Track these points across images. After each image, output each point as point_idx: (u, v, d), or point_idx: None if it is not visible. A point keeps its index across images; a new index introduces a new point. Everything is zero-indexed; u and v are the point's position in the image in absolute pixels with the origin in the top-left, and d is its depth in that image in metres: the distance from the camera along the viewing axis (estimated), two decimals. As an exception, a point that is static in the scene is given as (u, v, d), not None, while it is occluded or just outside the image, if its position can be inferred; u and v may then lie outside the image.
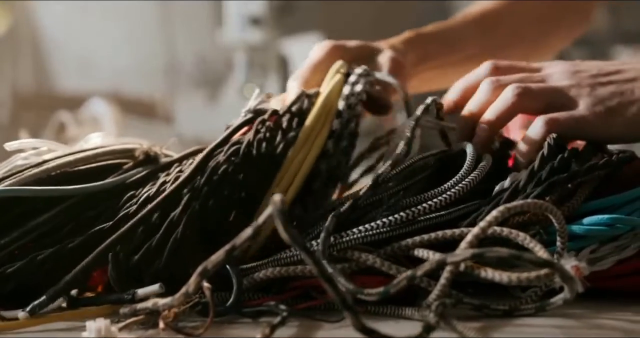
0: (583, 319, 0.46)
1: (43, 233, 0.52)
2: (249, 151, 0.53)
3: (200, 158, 0.54)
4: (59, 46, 2.95)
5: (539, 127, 0.56)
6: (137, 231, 0.50)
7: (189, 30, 2.90)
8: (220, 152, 0.54)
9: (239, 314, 0.48)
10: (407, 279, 0.43)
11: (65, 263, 0.50)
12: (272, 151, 0.54)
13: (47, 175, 0.55)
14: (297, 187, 0.54)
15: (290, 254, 0.49)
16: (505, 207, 0.46)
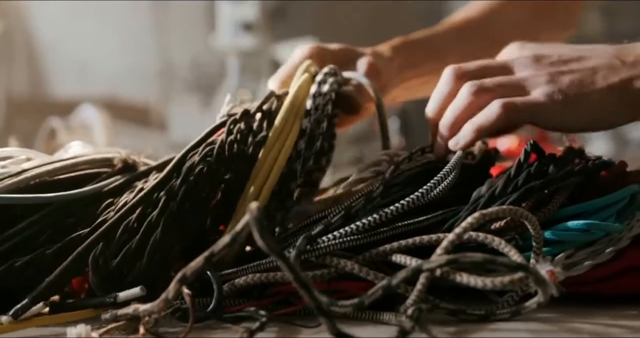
0: (557, 323, 0.47)
1: (21, 240, 0.52)
2: (222, 151, 0.54)
3: (175, 160, 0.55)
4: (54, 51, 2.96)
5: (495, 109, 0.55)
6: (116, 233, 0.51)
7: (183, 35, 2.90)
8: (196, 153, 0.54)
9: (219, 319, 0.48)
10: (383, 288, 0.43)
11: (44, 269, 0.50)
12: (244, 151, 0.55)
13: (26, 184, 0.56)
14: (270, 185, 0.55)
15: (269, 260, 0.50)
16: (480, 213, 0.46)
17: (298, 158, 0.58)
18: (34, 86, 2.93)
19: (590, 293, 0.52)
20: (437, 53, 0.83)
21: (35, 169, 0.57)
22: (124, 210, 0.52)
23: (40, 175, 0.57)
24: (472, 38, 0.88)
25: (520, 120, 0.56)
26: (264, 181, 0.55)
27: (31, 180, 0.56)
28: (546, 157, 0.54)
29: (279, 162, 0.55)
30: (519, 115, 0.55)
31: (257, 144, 0.56)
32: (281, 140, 0.56)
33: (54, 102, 2.69)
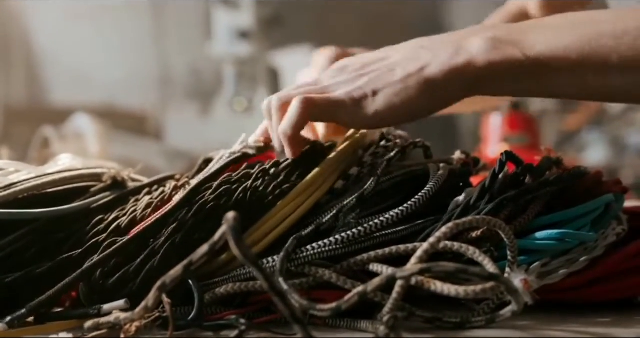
0: (532, 330, 0.48)
1: (9, 253, 0.53)
2: (244, 196, 0.54)
3: (188, 191, 0.55)
4: (52, 59, 2.97)
5: (295, 107, 0.56)
6: (115, 258, 0.52)
7: (180, 43, 2.92)
8: (209, 186, 0.55)
9: (200, 328, 0.49)
10: (359, 295, 0.44)
11: (33, 286, 0.52)
12: (264, 198, 0.55)
13: (15, 198, 0.57)
14: (275, 236, 0.53)
15: (249, 270, 0.51)
16: (454, 223, 0.47)
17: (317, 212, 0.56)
18: (31, 94, 2.95)
19: (565, 301, 0.53)
20: None
21: (25, 183, 0.58)
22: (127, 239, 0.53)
23: (29, 189, 0.58)
24: None
25: (321, 115, 0.57)
26: (271, 230, 0.54)
27: (20, 194, 0.57)
28: (522, 167, 0.54)
29: (291, 218, 0.54)
30: (318, 110, 0.56)
31: (280, 194, 0.55)
32: (304, 196, 0.55)
33: (52, 110, 2.70)
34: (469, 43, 0.55)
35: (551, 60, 0.53)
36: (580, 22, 0.55)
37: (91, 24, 2.92)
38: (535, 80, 0.55)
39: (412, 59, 0.56)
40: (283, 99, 0.59)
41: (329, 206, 0.55)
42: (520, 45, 0.54)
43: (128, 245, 0.53)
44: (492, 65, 0.54)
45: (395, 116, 0.56)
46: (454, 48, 0.55)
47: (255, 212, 0.54)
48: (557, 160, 0.57)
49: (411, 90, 0.55)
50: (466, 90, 0.56)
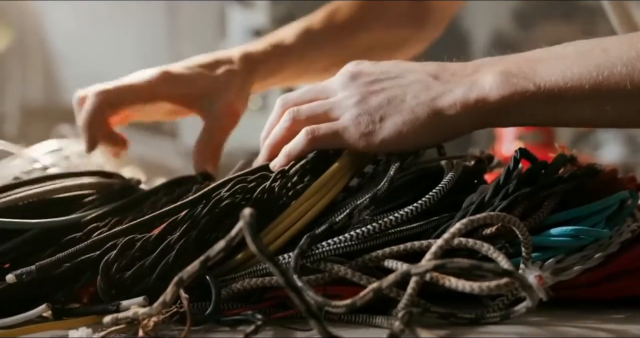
0: (546, 327, 0.48)
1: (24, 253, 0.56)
2: (261, 197, 0.55)
3: (206, 189, 0.56)
4: (68, 59, 2.99)
5: (302, 137, 0.58)
6: (132, 247, 0.53)
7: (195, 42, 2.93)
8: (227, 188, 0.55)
9: (217, 323, 0.50)
10: (374, 291, 0.45)
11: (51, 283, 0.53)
12: (279, 198, 0.55)
13: (15, 204, 0.59)
14: (289, 236, 0.54)
15: (266, 266, 0.51)
16: (468, 220, 0.48)
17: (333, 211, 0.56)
18: (48, 93, 2.97)
19: (579, 297, 0.53)
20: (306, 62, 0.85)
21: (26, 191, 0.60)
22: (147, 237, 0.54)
23: (30, 196, 0.60)
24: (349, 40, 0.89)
25: (326, 144, 0.58)
26: (286, 229, 0.54)
27: (20, 201, 0.59)
28: (537, 164, 0.55)
29: (306, 217, 0.54)
30: (324, 140, 0.57)
31: (294, 194, 0.55)
32: (319, 195, 0.55)
33: (68, 109, 2.72)
34: (481, 78, 0.55)
35: (564, 91, 0.53)
36: (588, 50, 0.54)
37: (106, 25, 2.93)
38: (548, 111, 0.55)
39: (424, 89, 0.56)
40: (293, 116, 0.60)
41: (344, 204, 0.56)
42: (532, 78, 0.54)
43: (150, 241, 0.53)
44: (504, 99, 0.54)
45: (401, 144, 0.57)
46: (466, 84, 0.55)
47: (271, 211, 0.55)
48: (572, 157, 0.57)
49: (421, 121, 0.55)
50: (476, 124, 0.56)
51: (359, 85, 0.58)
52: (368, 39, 0.91)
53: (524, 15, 4.57)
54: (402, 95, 0.56)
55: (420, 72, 0.58)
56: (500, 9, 4.07)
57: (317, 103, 0.60)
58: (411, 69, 0.58)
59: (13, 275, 0.51)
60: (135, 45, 2.96)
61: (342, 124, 0.57)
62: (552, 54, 0.56)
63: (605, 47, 0.54)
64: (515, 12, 4.73)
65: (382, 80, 0.58)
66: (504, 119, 0.56)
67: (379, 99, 0.57)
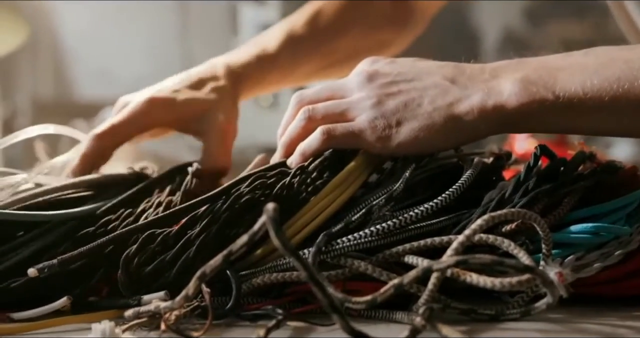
0: (566, 323, 0.48)
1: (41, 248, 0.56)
2: (281, 192, 0.55)
3: (226, 184, 0.56)
4: (79, 55, 3.00)
5: (317, 136, 0.58)
6: (153, 242, 0.53)
7: (206, 39, 2.93)
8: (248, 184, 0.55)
9: (237, 317, 0.50)
10: (395, 287, 0.45)
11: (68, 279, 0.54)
12: (298, 194, 0.55)
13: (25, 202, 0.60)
14: (309, 231, 0.54)
15: (287, 261, 0.51)
16: (490, 216, 0.48)
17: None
18: (59, 90, 2.98)
19: (599, 294, 0.53)
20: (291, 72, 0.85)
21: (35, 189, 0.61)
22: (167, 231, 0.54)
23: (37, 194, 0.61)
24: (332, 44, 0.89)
25: (341, 145, 0.58)
26: (305, 224, 0.54)
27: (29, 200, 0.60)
28: (556, 160, 0.55)
29: (325, 213, 0.55)
30: (340, 141, 0.57)
31: (314, 190, 0.55)
32: (339, 191, 0.55)
33: (79, 106, 2.73)
34: (500, 84, 0.55)
35: (583, 102, 0.53)
36: (610, 61, 0.54)
37: (117, 22, 2.94)
38: (566, 121, 0.55)
39: (441, 93, 0.56)
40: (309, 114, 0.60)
41: (362, 200, 0.56)
42: (551, 88, 0.53)
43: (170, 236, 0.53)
44: (523, 107, 0.54)
45: (418, 148, 0.56)
46: (484, 90, 0.55)
47: (290, 207, 0.55)
48: (591, 154, 0.57)
49: (437, 126, 0.55)
50: (493, 130, 0.56)
51: (376, 87, 0.58)
52: (352, 41, 0.91)
53: (535, 13, 4.56)
54: (419, 99, 0.56)
55: (437, 74, 0.57)
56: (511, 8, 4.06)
57: (333, 102, 0.60)
58: (428, 71, 0.58)
59: (35, 269, 0.52)
60: (145, 42, 2.96)
61: (358, 126, 0.57)
62: (572, 61, 0.55)
63: (627, 59, 0.53)
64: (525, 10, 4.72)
65: (398, 82, 0.58)
66: (520, 126, 0.56)
67: (395, 102, 0.56)
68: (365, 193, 0.56)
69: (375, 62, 0.61)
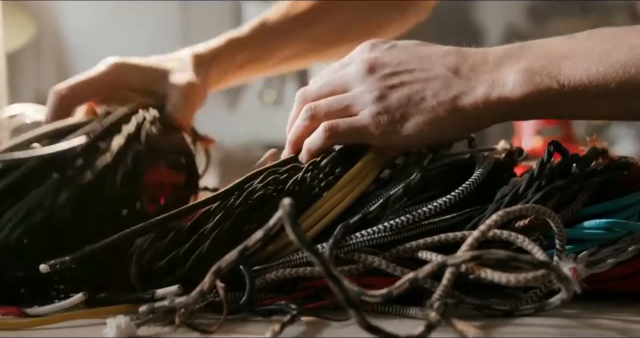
0: (581, 319, 0.48)
1: None
2: (294, 188, 0.55)
3: (240, 180, 0.56)
4: (82, 54, 3.00)
5: (320, 133, 0.58)
6: (166, 235, 0.53)
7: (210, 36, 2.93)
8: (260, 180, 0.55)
9: (251, 312, 0.50)
10: (410, 281, 0.45)
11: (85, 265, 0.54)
12: (311, 189, 0.55)
13: None
14: (321, 227, 0.54)
15: (300, 256, 0.51)
16: (504, 211, 0.48)
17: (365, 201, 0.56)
18: (62, 87, 2.97)
19: (612, 290, 0.53)
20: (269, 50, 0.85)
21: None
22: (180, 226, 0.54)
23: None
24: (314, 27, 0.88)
25: (345, 140, 0.58)
26: (318, 220, 0.54)
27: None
28: (569, 156, 0.55)
29: (338, 208, 0.55)
30: (343, 137, 0.57)
31: (326, 186, 0.55)
32: (351, 186, 0.56)
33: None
34: (503, 76, 0.54)
35: (588, 89, 0.52)
36: (615, 46, 0.53)
37: (120, 19, 2.94)
38: (572, 108, 0.55)
39: (444, 86, 0.55)
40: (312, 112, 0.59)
41: (375, 195, 0.56)
42: (556, 76, 0.53)
43: (183, 231, 0.53)
44: (527, 97, 0.53)
45: (422, 142, 0.57)
46: (487, 81, 0.54)
47: (303, 202, 0.55)
48: (603, 150, 0.57)
49: (442, 120, 0.55)
50: (497, 119, 0.56)
51: (377, 80, 0.57)
52: (336, 26, 0.90)
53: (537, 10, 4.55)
54: (422, 92, 0.55)
55: (439, 64, 0.57)
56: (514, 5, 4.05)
57: (335, 98, 0.59)
58: (430, 60, 0.57)
59: (47, 265, 0.52)
60: (148, 40, 2.96)
61: (362, 122, 0.57)
62: (576, 47, 0.55)
63: (633, 44, 0.53)
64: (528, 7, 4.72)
65: (400, 73, 0.57)
66: (525, 114, 0.56)
67: (398, 95, 0.56)
68: (378, 188, 0.56)
69: (374, 47, 0.60)
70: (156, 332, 0.47)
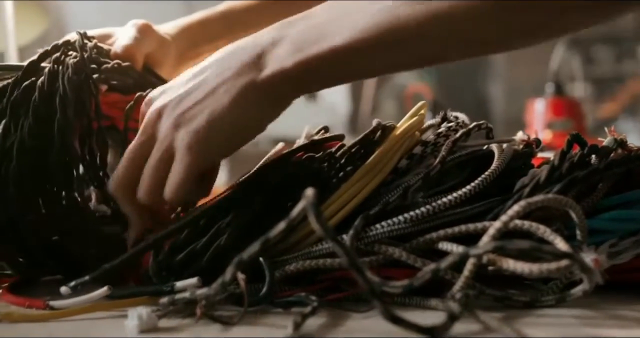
0: (602, 310, 0.48)
1: None
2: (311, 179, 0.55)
3: (254, 171, 0.56)
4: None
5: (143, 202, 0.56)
6: (184, 230, 0.53)
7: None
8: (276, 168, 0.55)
9: (271, 304, 0.50)
10: (432, 272, 0.45)
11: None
12: (328, 180, 0.55)
13: None
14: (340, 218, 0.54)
15: (320, 248, 0.51)
16: (526, 202, 0.47)
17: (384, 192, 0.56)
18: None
19: (633, 281, 0.53)
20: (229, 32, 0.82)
21: None
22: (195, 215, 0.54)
23: None
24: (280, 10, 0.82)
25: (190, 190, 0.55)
26: (337, 210, 0.54)
27: None
28: (589, 147, 0.54)
29: (357, 198, 0.54)
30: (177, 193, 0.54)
31: (344, 177, 0.55)
32: (369, 177, 0.55)
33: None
34: (273, 51, 0.54)
35: (359, 44, 0.52)
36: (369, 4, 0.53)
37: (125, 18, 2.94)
38: (354, 66, 0.54)
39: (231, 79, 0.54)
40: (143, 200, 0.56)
41: (393, 185, 0.56)
42: (323, 42, 0.53)
43: (197, 220, 0.53)
44: (301, 66, 0.53)
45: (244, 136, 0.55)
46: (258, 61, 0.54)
47: (320, 193, 0.54)
48: (622, 141, 0.57)
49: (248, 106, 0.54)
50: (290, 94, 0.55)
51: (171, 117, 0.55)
52: None
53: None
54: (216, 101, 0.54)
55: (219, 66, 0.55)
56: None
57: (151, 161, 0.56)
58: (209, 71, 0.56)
59: (67, 287, 0.51)
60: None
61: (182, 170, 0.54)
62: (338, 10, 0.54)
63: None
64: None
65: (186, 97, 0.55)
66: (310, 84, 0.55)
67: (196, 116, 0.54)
68: (395, 179, 0.56)
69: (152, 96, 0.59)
70: (177, 323, 0.47)
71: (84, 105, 0.60)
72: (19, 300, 0.53)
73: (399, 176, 0.56)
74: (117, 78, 0.66)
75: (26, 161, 0.57)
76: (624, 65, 4.35)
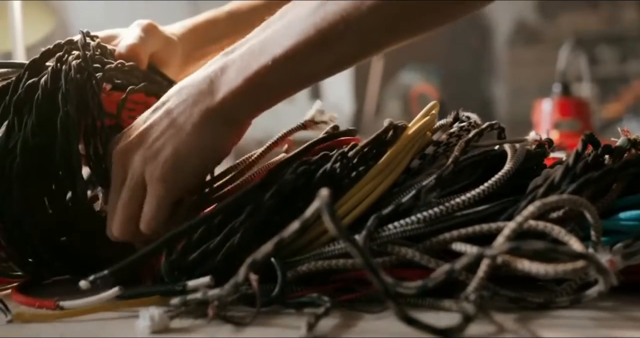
0: (617, 311, 0.48)
1: None
2: (322, 178, 0.54)
3: (270, 170, 0.56)
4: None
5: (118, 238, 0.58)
6: (197, 229, 0.53)
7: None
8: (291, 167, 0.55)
9: (283, 305, 0.50)
10: (446, 273, 0.44)
11: None
12: (341, 179, 0.55)
13: None
14: (353, 217, 0.53)
15: (333, 248, 0.51)
16: (542, 202, 0.47)
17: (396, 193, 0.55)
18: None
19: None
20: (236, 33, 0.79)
21: None
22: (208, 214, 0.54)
23: None
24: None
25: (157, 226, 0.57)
26: (349, 211, 0.54)
27: None
28: (602, 147, 0.54)
29: (369, 198, 0.54)
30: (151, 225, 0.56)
31: (356, 177, 0.55)
32: (381, 177, 0.55)
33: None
34: (222, 77, 0.56)
35: (298, 47, 0.54)
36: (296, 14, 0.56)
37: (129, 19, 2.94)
38: (299, 72, 0.56)
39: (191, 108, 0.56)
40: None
41: (405, 185, 0.55)
42: (265, 54, 0.55)
43: (210, 219, 0.53)
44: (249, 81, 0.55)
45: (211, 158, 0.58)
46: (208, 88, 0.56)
47: (333, 193, 0.54)
48: (636, 141, 0.56)
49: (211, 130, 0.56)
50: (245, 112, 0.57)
51: (139, 156, 0.57)
52: None
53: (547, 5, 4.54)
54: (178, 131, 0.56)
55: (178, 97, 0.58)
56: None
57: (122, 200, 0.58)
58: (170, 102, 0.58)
59: (87, 281, 0.51)
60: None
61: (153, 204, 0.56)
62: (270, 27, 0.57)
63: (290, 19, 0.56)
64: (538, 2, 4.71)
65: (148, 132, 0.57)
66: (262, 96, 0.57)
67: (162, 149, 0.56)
68: (408, 179, 0.56)
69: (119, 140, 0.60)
70: (189, 324, 0.46)
71: (86, 104, 0.60)
72: (29, 301, 0.53)
73: (411, 176, 0.56)
74: (121, 77, 0.66)
75: (30, 160, 0.57)
76: (628, 65, 4.35)
